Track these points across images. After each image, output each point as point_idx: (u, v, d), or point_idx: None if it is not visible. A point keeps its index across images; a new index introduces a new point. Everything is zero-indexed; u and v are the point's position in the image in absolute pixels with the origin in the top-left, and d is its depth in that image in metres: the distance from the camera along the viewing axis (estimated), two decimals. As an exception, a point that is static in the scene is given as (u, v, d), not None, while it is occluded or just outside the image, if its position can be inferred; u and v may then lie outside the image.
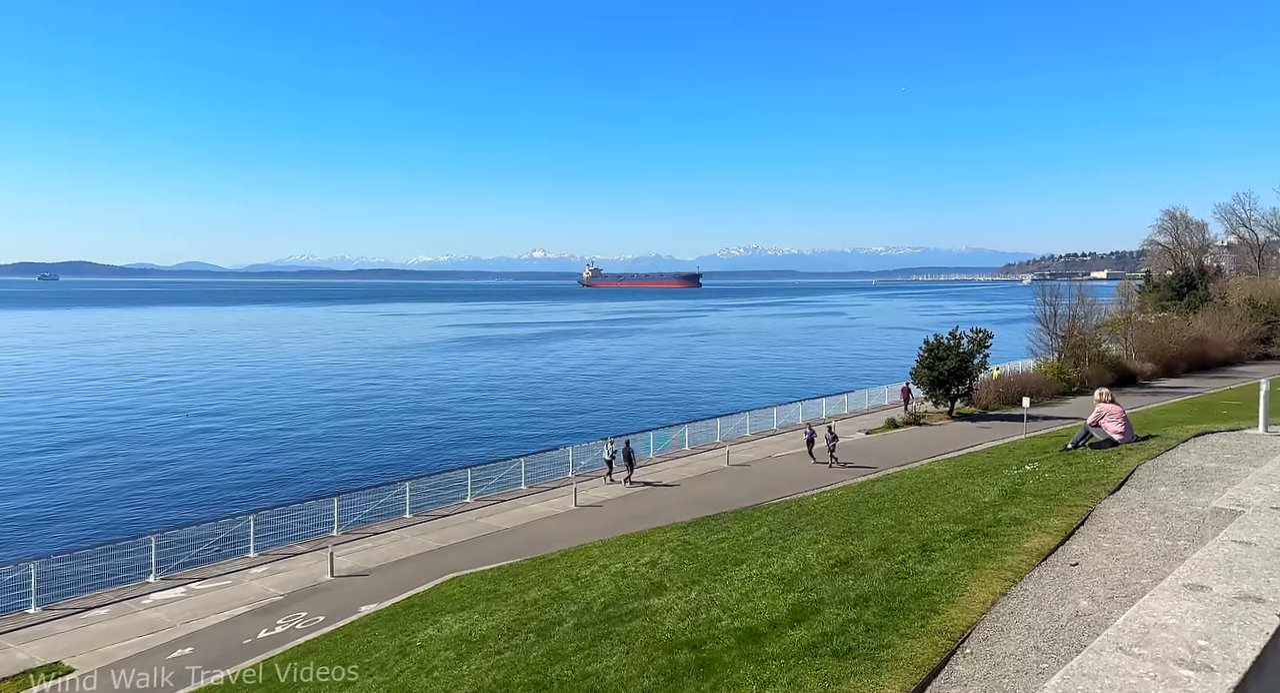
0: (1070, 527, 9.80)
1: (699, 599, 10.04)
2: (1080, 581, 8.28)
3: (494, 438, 50.21)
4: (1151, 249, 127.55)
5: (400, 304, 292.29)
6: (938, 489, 13.62)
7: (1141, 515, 10.15)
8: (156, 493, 36.75)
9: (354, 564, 24.12)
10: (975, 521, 10.52)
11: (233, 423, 55.23)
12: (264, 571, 23.34)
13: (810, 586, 9.30)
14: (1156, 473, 12.14)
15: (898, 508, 12.84)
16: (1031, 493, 11.47)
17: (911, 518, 11.65)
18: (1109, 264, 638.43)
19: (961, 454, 36.08)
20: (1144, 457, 12.98)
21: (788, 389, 69.61)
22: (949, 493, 12.94)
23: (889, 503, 13.54)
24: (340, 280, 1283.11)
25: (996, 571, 8.53)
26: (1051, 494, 11.22)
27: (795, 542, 12.21)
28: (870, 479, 19.89)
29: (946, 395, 51.58)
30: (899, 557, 9.61)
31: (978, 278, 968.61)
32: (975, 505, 11.44)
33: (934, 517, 11.35)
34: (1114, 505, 10.61)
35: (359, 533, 27.18)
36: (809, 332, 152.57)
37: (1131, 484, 11.60)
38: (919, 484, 14.84)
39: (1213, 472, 12.07)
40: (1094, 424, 14.42)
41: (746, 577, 10.68)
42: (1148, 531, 9.63)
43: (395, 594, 20.59)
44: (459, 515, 29.66)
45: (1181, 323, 78.30)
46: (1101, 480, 11.74)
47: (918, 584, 8.44)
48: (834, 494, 16.95)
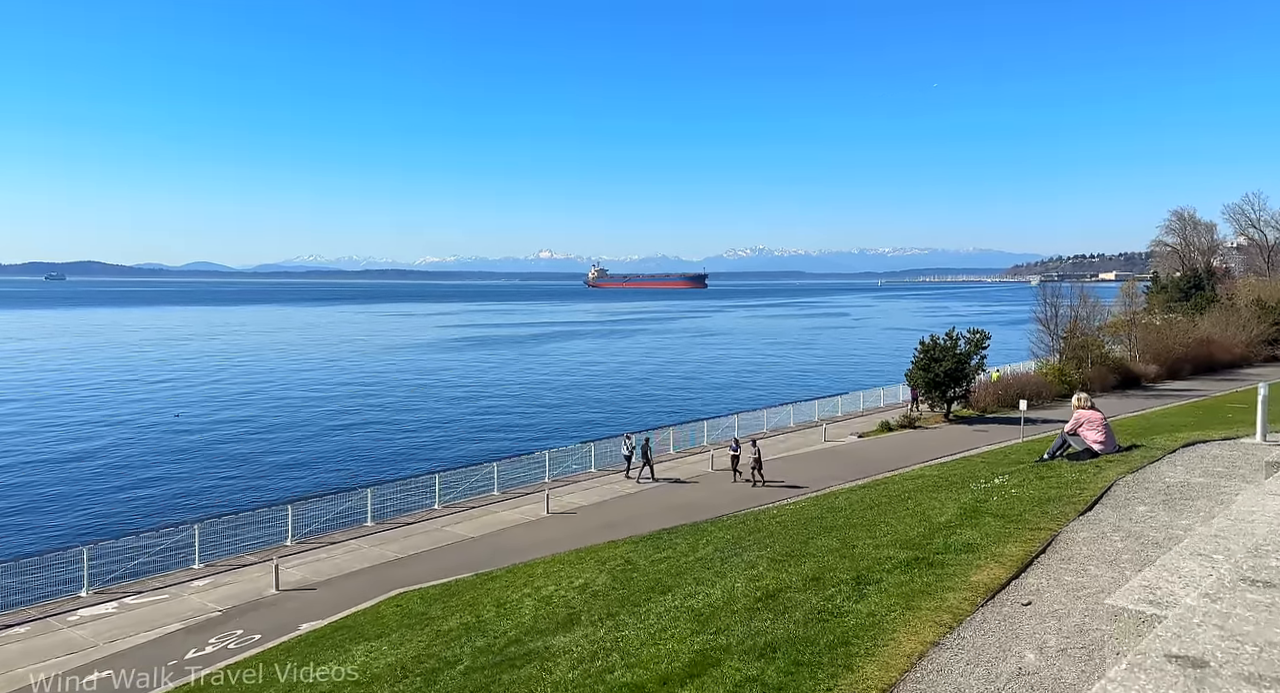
0: (1029, 555, 8.51)
1: (604, 640, 8.81)
2: (1030, 625, 7.00)
3: (474, 441, 48.87)
4: (1160, 250, 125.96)
5: (403, 304, 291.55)
6: (897, 505, 12.36)
7: (1113, 541, 8.86)
8: (105, 499, 35.03)
9: (303, 577, 22.91)
10: (923, 546, 9.25)
11: (197, 425, 53.56)
12: (206, 583, 22.13)
13: (725, 625, 8.05)
14: (1136, 490, 10.84)
15: (850, 526, 11.58)
16: (992, 513, 10.19)
17: (859, 540, 10.40)
18: (1117, 265, 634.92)
19: (939, 463, 34.83)
20: (1124, 470, 11.68)
21: (784, 391, 68.24)
22: (906, 510, 11.68)
23: (844, 520, 12.29)
24: (347, 281, 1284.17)
25: (933, 612, 7.25)
26: (1014, 515, 9.94)
27: (732, 565, 10.98)
28: (835, 491, 18.60)
29: (942, 398, 50.24)
30: (830, 590, 8.35)
31: (985, 279, 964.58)
32: (929, 527, 10.17)
33: (882, 539, 10.09)
34: (1083, 529, 9.32)
35: (314, 543, 25.96)
36: (812, 332, 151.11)
37: (1106, 503, 10.30)
38: (880, 498, 13.57)
39: (1199, 489, 10.76)
40: (1072, 433, 13.13)
41: (666, 610, 9.46)
42: (1118, 560, 8.34)
43: (340, 610, 19.41)
44: (424, 524, 28.44)
45: (1187, 324, 76.73)
46: (1073, 498, 10.45)
47: (840, 629, 7.18)
48: (795, 507, 15.70)
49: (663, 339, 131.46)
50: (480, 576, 18.28)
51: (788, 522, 13.70)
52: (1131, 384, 62.22)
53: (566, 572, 14.50)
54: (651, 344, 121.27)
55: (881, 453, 39.99)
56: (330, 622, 17.85)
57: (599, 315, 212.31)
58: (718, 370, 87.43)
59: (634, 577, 12.27)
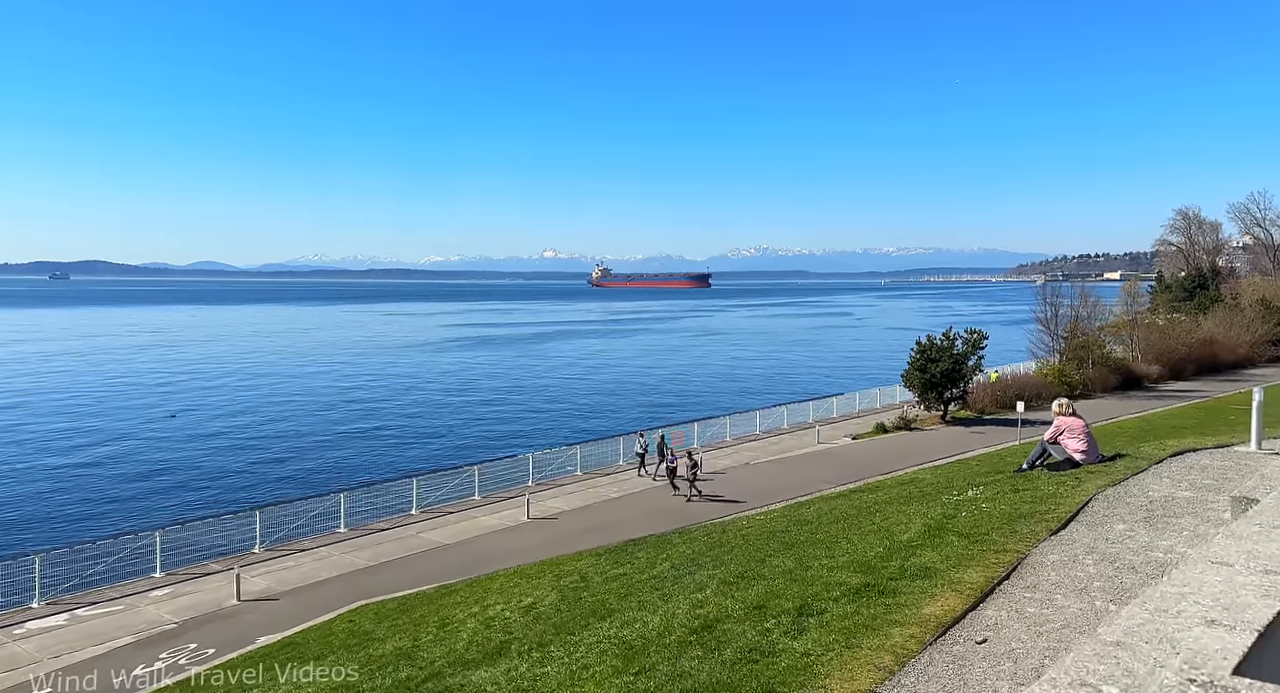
0: (990, 582, 7.71)
1: (523, 678, 8.07)
2: (982, 670, 6.20)
3: (459, 443, 48.01)
4: (1164, 250, 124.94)
5: (405, 304, 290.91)
6: (863, 519, 11.56)
7: (1085, 566, 8.05)
8: (70, 504, 34.06)
9: (267, 586, 22.16)
10: (879, 569, 8.45)
11: (178, 427, 52.48)
12: (166, 593, 21.38)
13: (651, 663, 7.27)
14: (1116, 505, 10.02)
15: (812, 543, 10.78)
16: (958, 531, 9.38)
17: (816, 560, 9.60)
18: (1122, 265, 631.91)
19: (932, 466, 33.94)
20: (1105, 483, 10.87)
21: (781, 392, 67.37)
22: (872, 525, 10.88)
23: (807, 535, 11.49)
24: (351, 280, 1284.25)
25: (874, 652, 6.46)
26: (980, 534, 9.13)
27: (683, 586, 10.21)
28: (807, 501, 17.79)
29: (939, 399, 49.35)
30: (770, 621, 7.56)
31: (990, 278, 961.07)
32: (889, 546, 9.37)
33: (839, 560, 9.29)
34: (1054, 550, 8.51)
35: (284, 550, 25.21)
36: (814, 332, 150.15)
37: (1082, 520, 9.49)
38: (850, 510, 12.78)
39: (1185, 505, 9.95)
40: (1052, 441, 12.30)
41: (599, 640, 8.69)
42: (1088, 589, 7.54)
43: (300, 622, 18.67)
44: (399, 530, 27.68)
45: (1190, 324, 75.71)
46: (1046, 515, 9.64)
47: (769, 672, 6.39)
48: (764, 518, 14.91)
49: (662, 339, 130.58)
50: (440, 588, 17.52)
51: (752, 535, 12.92)
52: (1133, 385, 61.30)
53: (521, 587, 13.75)
54: (650, 344, 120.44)
55: (873, 456, 39.16)
56: (282, 638, 17.10)
57: (600, 315, 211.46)
58: (714, 371, 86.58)
59: (583, 596, 11.51)
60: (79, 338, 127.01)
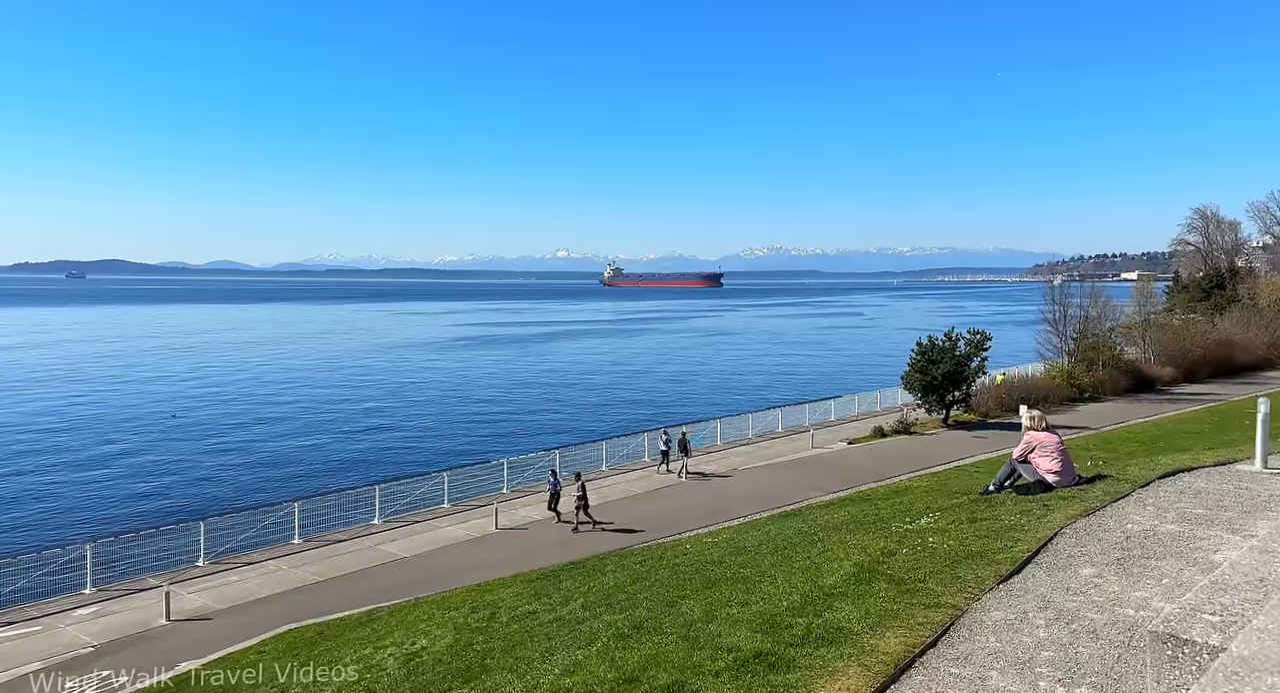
0: (911, 651, 6.17)
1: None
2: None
3: (438, 447, 46.34)
4: (1182, 249, 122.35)
5: (415, 303, 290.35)
6: (799, 552, 10.02)
7: (1035, 628, 6.49)
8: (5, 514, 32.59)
9: (203, 604, 20.79)
10: (785, 628, 6.93)
11: (126, 428, 50.57)
12: (92, 611, 20.02)
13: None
14: (1086, 541, 8.44)
15: (734, 581, 9.27)
16: (891, 575, 7.84)
17: (726, 607, 8.09)
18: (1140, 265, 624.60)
19: (929, 472, 32.22)
20: (1077, 512, 9.28)
21: (781, 393, 65.65)
22: (805, 561, 9.35)
23: (733, 570, 9.98)
24: (365, 279, 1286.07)
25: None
26: (916, 579, 7.59)
27: (572, 638, 8.75)
28: (762, 520, 16.20)
29: (940, 402, 47.58)
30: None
31: (1006, 279, 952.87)
32: (809, 592, 7.84)
33: (750, 610, 7.77)
34: (1000, 604, 6.95)
35: (229, 563, 23.82)
36: (822, 332, 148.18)
37: (1043, 561, 7.91)
38: (791, 538, 11.25)
39: (1170, 542, 8.34)
40: (1022, 460, 10.72)
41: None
42: (1033, 662, 5.98)
43: (228, 646, 17.28)
44: (358, 541, 26.26)
45: (1206, 325, 73.50)
46: (999, 554, 8.08)
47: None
48: (710, 540, 13.39)
49: (667, 339, 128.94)
50: (363, 615, 16.11)
51: (684, 566, 11.41)
52: (1145, 388, 59.31)
53: (428, 622, 12.34)
54: (654, 345, 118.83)
55: (865, 463, 37.48)
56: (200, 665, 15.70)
57: (609, 315, 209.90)
58: (714, 372, 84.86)
59: (474, 643, 10.07)
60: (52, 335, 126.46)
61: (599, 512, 30.27)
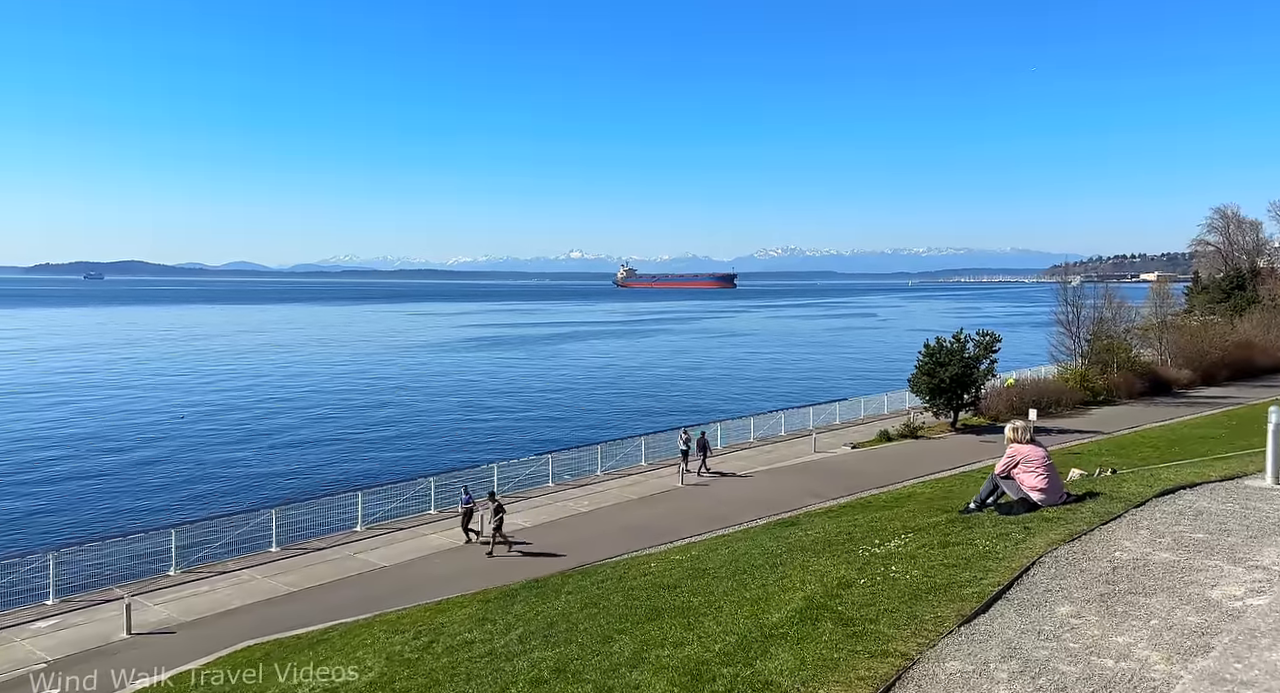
0: (845, 712, 5.26)
1: None
2: None
3: (429, 451, 45.43)
4: (1202, 250, 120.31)
5: (428, 303, 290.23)
6: (755, 577, 9.12)
7: (993, 685, 5.55)
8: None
9: (168, 616, 20.09)
10: (708, 682, 6.06)
11: (106, 432, 49.55)
12: (52, 624, 19.36)
13: None
14: (1067, 572, 7.48)
15: (680, 611, 8.38)
16: (839, 613, 6.92)
17: (657, 648, 7.22)
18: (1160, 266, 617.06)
19: (935, 478, 31.14)
20: (1061, 536, 8.32)
21: (786, 396, 64.55)
22: (758, 590, 8.44)
23: (683, 598, 9.09)
24: (380, 280, 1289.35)
25: None
26: (867, 619, 6.67)
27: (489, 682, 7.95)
28: (730, 536, 15.24)
29: (948, 405, 46.44)
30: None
31: (1024, 279, 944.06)
32: (747, 632, 6.94)
33: (684, 651, 6.89)
34: (957, 652, 6.02)
35: (202, 572, 23.14)
36: (833, 333, 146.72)
37: (1015, 596, 6.97)
38: (756, 559, 10.34)
39: (1162, 573, 7.38)
40: (1004, 475, 9.76)
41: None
42: (987, 730, 5.05)
43: (187, 662, 16.55)
44: (337, 549, 25.53)
45: (1225, 326, 71.83)
46: (968, 586, 7.15)
47: None
48: (672, 560, 12.48)
49: (675, 341, 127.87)
50: (320, 633, 15.35)
51: (639, 589, 10.54)
52: (1161, 390, 57.93)
53: (365, 649, 11.53)
54: (662, 346, 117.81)
55: (868, 468, 36.48)
56: (150, 684, 14.97)
57: (620, 316, 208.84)
58: (720, 375, 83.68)
59: (398, 679, 9.27)
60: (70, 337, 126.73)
61: (587, 521, 29.48)
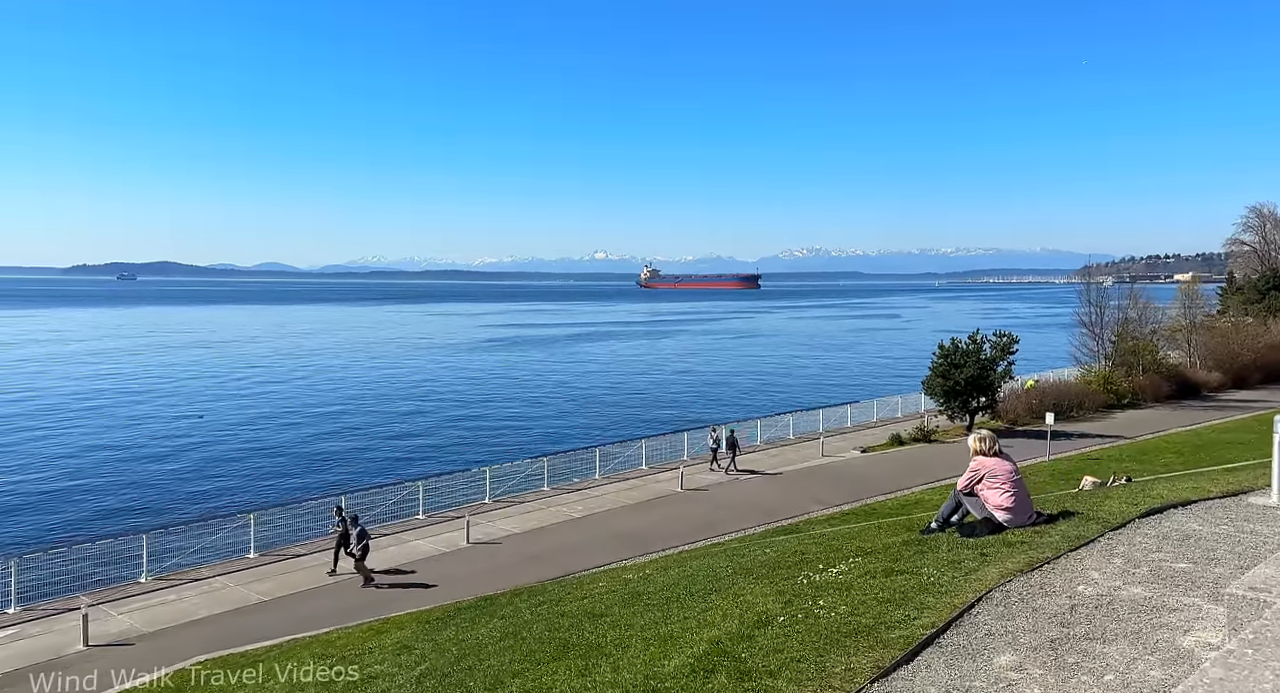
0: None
1: None
2: None
3: (420, 454, 44.44)
4: (1237, 249, 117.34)
5: (452, 304, 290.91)
6: (687, 605, 8.17)
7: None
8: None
9: (130, 627, 19.46)
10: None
11: (86, 433, 48.84)
12: (9, 634, 18.73)
13: None
14: (1017, 610, 6.45)
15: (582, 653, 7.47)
16: (739, 663, 5.95)
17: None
18: (1194, 266, 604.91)
19: (931, 487, 30.09)
20: (1019, 565, 7.28)
21: (798, 398, 63.19)
22: (678, 624, 7.49)
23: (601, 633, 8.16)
24: (407, 281, 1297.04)
25: None
26: (768, 671, 5.70)
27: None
28: (698, 550, 14.24)
29: (964, 408, 45.02)
30: None
31: (1054, 280, 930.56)
32: (635, 685, 5.99)
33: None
34: (863, 715, 5.03)
35: (174, 579, 22.50)
36: (855, 335, 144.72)
37: (948, 642, 5.95)
38: (700, 582, 9.39)
39: (1129, 612, 6.32)
40: (967, 491, 8.75)
41: None
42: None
43: (138, 678, 15.88)
44: (317, 556, 24.77)
45: (1258, 327, 69.48)
46: (896, 627, 6.15)
47: None
48: (622, 578, 11.55)
49: (694, 341, 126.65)
50: (265, 650, 14.61)
51: (569, 615, 9.64)
52: (1189, 393, 56.01)
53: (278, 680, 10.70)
54: (680, 347, 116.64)
55: (879, 472, 35.30)
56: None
57: (642, 317, 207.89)
58: (734, 376, 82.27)
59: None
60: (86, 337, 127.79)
61: (576, 528, 28.62)
